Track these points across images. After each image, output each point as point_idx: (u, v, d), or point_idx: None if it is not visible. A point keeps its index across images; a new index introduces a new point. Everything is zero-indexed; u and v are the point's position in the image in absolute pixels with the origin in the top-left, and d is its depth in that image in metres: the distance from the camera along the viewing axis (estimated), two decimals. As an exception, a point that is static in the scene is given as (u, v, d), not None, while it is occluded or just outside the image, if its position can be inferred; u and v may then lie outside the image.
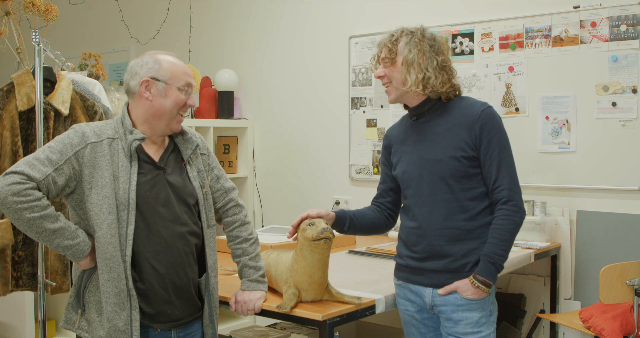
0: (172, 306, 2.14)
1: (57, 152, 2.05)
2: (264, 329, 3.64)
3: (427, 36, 2.30)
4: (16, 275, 2.86)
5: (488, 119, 2.25)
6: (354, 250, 3.38)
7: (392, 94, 2.35)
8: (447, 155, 2.26)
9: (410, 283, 2.36)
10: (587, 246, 3.57)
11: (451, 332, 2.28)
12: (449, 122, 2.29)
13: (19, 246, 2.84)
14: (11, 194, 1.95)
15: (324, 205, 4.48)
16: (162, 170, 2.17)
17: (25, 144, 2.84)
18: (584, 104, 3.56)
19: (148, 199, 2.10)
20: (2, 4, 3.07)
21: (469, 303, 2.24)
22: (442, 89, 2.28)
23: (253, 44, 4.90)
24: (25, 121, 2.85)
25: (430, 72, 2.26)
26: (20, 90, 2.82)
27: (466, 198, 2.26)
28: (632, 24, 3.40)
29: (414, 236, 2.33)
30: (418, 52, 2.26)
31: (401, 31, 2.32)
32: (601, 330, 3.10)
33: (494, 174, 2.24)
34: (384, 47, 2.32)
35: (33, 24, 3.11)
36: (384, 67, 2.33)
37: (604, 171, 3.51)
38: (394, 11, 4.21)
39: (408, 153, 2.37)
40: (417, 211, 2.33)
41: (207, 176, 2.29)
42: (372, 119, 4.31)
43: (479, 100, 2.35)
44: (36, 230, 1.99)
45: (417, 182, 2.32)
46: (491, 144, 2.23)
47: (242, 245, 2.37)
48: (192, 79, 2.19)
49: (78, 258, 2.07)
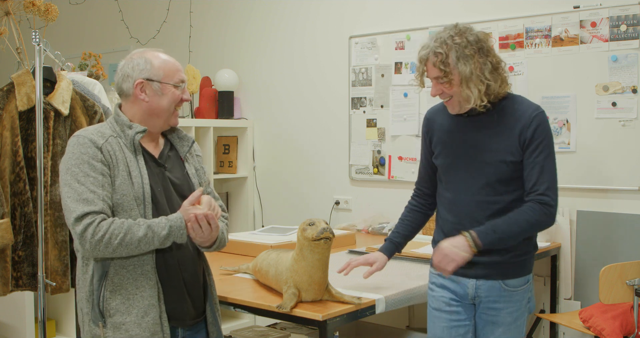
0: (184, 302, 2.15)
1: (91, 172, 2.02)
2: (264, 329, 3.65)
3: (471, 39, 2.21)
4: (16, 275, 2.86)
5: (539, 124, 2.24)
6: (354, 250, 3.38)
7: (455, 108, 2.29)
8: (496, 159, 2.25)
9: (453, 274, 2.34)
10: (587, 246, 3.57)
11: (492, 320, 2.33)
12: (501, 125, 2.26)
13: (19, 246, 2.84)
14: (91, 239, 1.96)
15: (323, 205, 4.49)
16: (163, 167, 2.18)
17: (25, 144, 2.84)
18: (584, 104, 3.55)
19: (158, 194, 2.12)
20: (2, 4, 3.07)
21: (511, 294, 2.31)
22: (502, 91, 2.26)
23: (253, 44, 4.90)
24: (25, 121, 2.85)
25: (490, 79, 2.21)
26: (21, 90, 2.82)
27: (510, 200, 2.27)
28: (632, 24, 3.40)
29: (455, 232, 2.31)
30: (473, 63, 2.19)
31: (445, 44, 2.20)
32: (601, 330, 3.10)
33: (534, 178, 2.23)
34: (434, 67, 2.22)
35: (33, 24, 3.11)
36: (439, 85, 2.25)
37: (604, 171, 3.51)
38: (394, 11, 4.21)
39: (455, 149, 2.34)
40: (459, 208, 2.34)
41: (203, 175, 2.30)
42: (372, 119, 4.31)
43: (530, 102, 2.32)
44: (134, 246, 2.00)
45: (462, 180, 2.32)
46: (537, 149, 2.23)
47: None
48: (183, 73, 2.19)
49: (182, 236, 2.04)
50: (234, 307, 2.47)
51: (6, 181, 2.80)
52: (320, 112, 4.57)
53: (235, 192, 4.92)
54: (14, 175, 2.81)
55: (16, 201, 2.82)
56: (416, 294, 2.59)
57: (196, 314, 2.21)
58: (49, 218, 2.82)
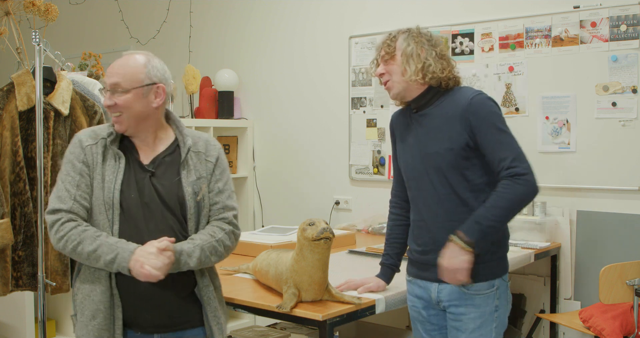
0: (144, 311, 2.10)
1: (71, 171, 2.09)
2: (264, 329, 3.65)
3: (424, 33, 2.33)
4: (16, 275, 2.86)
5: (478, 107, 2.22)
6: (354, 250, 3.38)
7: (394, 89, 2.33)
8: (442, 147, 2.24)
9: (418, 278, 2.36)
10: (587, 246, 3.57)
11: (455, 326, 2.28)
12: (444, 114, 2.27)
13: (19, 246, 2.84)
14: (54, 236, 2.04)
15: (323, 205, 4.49)
16: (150, 173, 2.12)
17: (25, 144, 2.84)
18: (584, 104, 3.55)
19: (130, 200, 2.08)
20: (2, 4, 3.07)
21: (473, 298, 2.24)
22: (443, 75, 2.27)
23: (253, 44, 4.90)
24: (25, 121, 2.85)
25: (430, 60, 2.26)
26: (20, 90, 2.82)
27: (466, 190, 2.24)
28: (632, 24, 3.40)
29: (418, 229, 2.34)
30: (416, 45, 2.28)
31: (398, 30, 2.35)
32: (601, 330, 3.10)
33: (496, 157, 2.18)
34: (383, 45, 2.34)
35: (33, 24, 3.11)
36: (383, 64, 2.33)
37: (604, 171, 3.51)
38: (394, 11, 4.21)
39: (409, 146, 2.36)
40: (420, 205, 2.33)
41: (206, 185, 2.16)
42: (372, 119, 4.31)
43: (472, 88, 2.33)
44: (84, 257, 2.03)
45: (419, 176, 2.32)
46: (487, 130, 2.20)
47: (207, 230, 2.16)
48: (107, 77, 2.15)
49: (124, 269, 2.00)
50: (234, 307, 2.47)
51: (6, 181, 2.80)
52: (320, 112, 4.57)
53: (236, 192, 4.90)
54: (14, 175, 2.81)
55: (16, 201, 2.82)
56: (416, 294, 2.58)
57: (171, 323, 2.12)
58: (49, 218, 2.81)
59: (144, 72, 2.11)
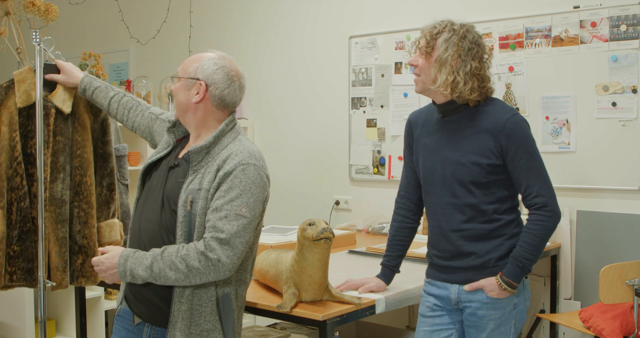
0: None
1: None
2: (264, 329, 3.64)
3: (469, 38, 2.26)
4: (10, 270, 2.84)
5: (514, 128, 2.23)
6: (354, 250, 3.38)
7: (419, 86, 2.34)
8: (470, 161, 2.25)
9: (438, 280, 2.38)
10: (587, 246, 3.57)
11: (475, 325, 2.31)
12: (476, 127, 2.26)
13: (14, 241, 2.82)
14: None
15: (324, 205, 4.49)
16: (174, 166, 2.17)
17: (25, 140, 2.83)
18: (584, 104, 3.55)
19: (150, 183, 2.23)
20: (2, 4, 3.07)
21: (494, 302, 2.28)
22: (470, 97, 2.25)
23: (253, 44, 4.90)
24: (26, 118, 2.84)
25: (461, 76, 2.22)
26: (20, 87, 2.81)
27: (486, 201, 2.26)
28: (632, 24, 3.40)
29: (437, 235, 2.35)
30: (453, 54, 2.23)
31: (445, 25, 2.28)
32: (601, 330, 3.10)
33: (524, 182, 2.23)
34: (424, 37, 2.30)
35: (33, 24, 3.10)
36: (419, 56, 2.31)
37: (604, 171, 3.51)
38: (394, 11, 4.21)
39: (431, 150, 2.35)
40: (438, 211, 2.34)
41: (206, 198, 2.04)
42: (372, 119, 4.31)
43: (507, 105, 2.33)
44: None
45: (440, 182, 2.32)
46: (518, 153, 2.22)
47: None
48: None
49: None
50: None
51: (2, 175, 2.79)
52: (320, 112, 4.57)
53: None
54: (11, 170, 2.80)
55: (13, 195, 2.81)
56: (416, 294, 2.58)
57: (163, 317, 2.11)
58: (49, 214, 2.81)
59: (194, 67, 2.16)
